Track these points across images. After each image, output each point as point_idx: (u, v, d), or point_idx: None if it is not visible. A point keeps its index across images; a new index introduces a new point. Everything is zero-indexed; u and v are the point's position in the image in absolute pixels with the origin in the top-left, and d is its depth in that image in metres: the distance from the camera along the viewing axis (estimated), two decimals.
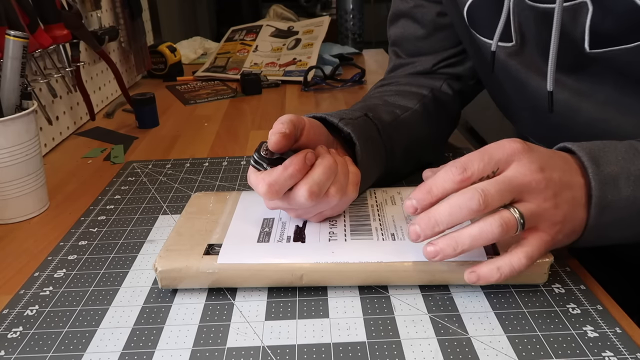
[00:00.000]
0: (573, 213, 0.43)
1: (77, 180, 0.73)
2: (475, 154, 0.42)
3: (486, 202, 0.39)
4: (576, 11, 0.50)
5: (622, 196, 0.43)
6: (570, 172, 0.43)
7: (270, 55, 1.34)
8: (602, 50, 0.50)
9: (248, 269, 0.45)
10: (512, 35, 0.58)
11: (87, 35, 0.91)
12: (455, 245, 0.40)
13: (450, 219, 0.40)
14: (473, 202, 0.39)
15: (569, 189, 0.42)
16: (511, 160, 0.41)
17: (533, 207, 0.41)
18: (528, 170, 0.41)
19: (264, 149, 0.47)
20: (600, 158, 0.43)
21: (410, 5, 0.71)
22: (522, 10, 0.55)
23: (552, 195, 0.41)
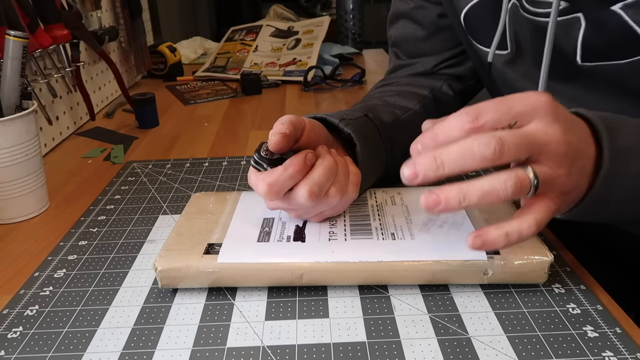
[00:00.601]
0: (579, 183, 0.40)
1: (77, 180, 0.73)
2: (493, 102, 0.37)
3: (501, 152, 0.34)
4: (569, 26, 0.50)
5: (630, 172, 0.40)
6: (585, 140, 0.40)
7: (270, 55, 1.34)
8: (594, 64, 0.51)
9: (248, 269, 0.45)
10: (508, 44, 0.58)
11: (87, 35, 0.91)
12: (462, 197, 0.35)
13: (459, 163, 0.35)
14: (488, 149, 0.34)
15: (581, 158, 0.39)
16: (534, 115, 0.37)
17: (549, 171, 0.37)
18: (551, 129, 0.36)
19: (264, 150, 0.47)
20: (615, 129, 0.40)
21: (411, 6, 0.71)
22: (517, 20, 0.55)
23: (568, 162, 0.38)
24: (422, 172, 0.36)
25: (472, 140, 0.35)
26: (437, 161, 0.35)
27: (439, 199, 0.36)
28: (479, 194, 0.35)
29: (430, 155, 0.36)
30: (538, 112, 0.37)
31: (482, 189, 0.35)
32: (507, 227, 0.37)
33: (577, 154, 0.39)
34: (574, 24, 0.50)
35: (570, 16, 0.50)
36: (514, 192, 0.36)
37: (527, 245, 0.45)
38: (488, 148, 0.34)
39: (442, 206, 0.36)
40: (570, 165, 0.38)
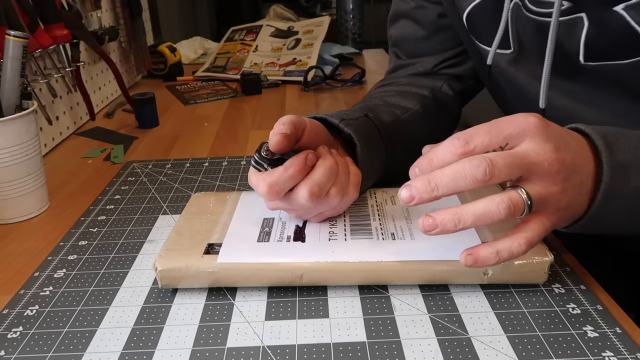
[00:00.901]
0: (577, 199, 0.40)
1: (77, 180, 0.73)
2: (483, 127, 0.39)
3: (492, 173, 0.36)
4: (572, 25, 0.50)
5: (630, 186, 0.41)
6: (582, 155, 0.40)
7: (270, 55, 1.34)
8: (597, 63, 0.51)
9: (248, 268, 0.45)
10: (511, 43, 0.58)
11: (87, 35, 0.91)
12: (457, 220, 0.37)
13: (452, 184, 0.37)
14: (479, 171, 0.36)
15: (578, 174, 0.40)
16: (524, 136, 0.38)
17: (541, 190, 0.38)
18: (542, 149, 0.38)
19: (265, 150, 0.47)
20: (614, 144, 0.41)
21: (411, 5, 0.71)
22: (520, 19, 0.55)
23: (562, 180, 0.39)
24: (417, 194, 0.38)
25: (464, 163, 0.37)
26: (431, 184, 0.37)
27: (435, 222, 0.38)
28: (473, 217, 0.37)
29: (425, 178, 0.37)
30: (527, 133, 0.38)
31: (476, 212, 0.37)
32: (498, 245, 0.39)
33: (573, 170, 0.39)
34: (576, 24, 0.50)
35: (572, 16, 0.50)
36: (508, 215, 0.37)
37: None
38: (479, 170, 0.36)
39: (438, 229, 0.38)
40: (565, 182, 0.39)
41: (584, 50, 0.51)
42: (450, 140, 0.39)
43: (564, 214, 0.41)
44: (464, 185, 0.37)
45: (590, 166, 0.41)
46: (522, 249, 0.39)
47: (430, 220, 0.38)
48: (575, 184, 0.40)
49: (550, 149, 0.38)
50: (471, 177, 0.36)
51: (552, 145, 0.38)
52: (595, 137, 0.41)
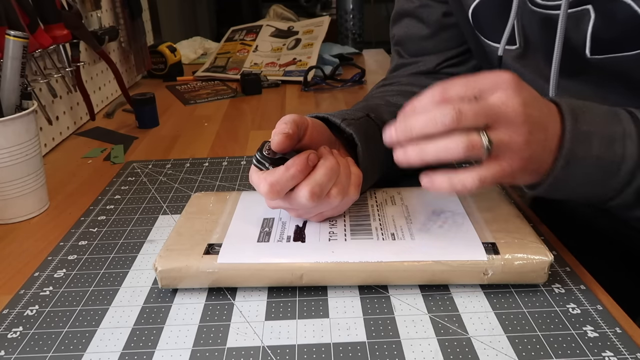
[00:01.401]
0: (541, 155, 0.43)
1: (77, 180, 0.73)
2: (461, 78, 0.42)
3: (459, 119, 0.39)
4: (578, 18, 0.50)
5: (592, 154, 0.44)
6: (550, 116, 0.43)
7: (270, 55, 1.34)
8: (604, 56, 0.51)
9: (248, 269, 0.45)
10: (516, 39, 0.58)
11: (87, 35, 0.91)
12: (420, 152, 0.41)
13: (424, 128, 0.41)
14: (446, 118, 0.40)
15: (543, 131, 0.42)
16: (497, 88, 0.41)
17: (504, 137, 0.41)
18: (510, 101, 0.41)
19: (267, 149, 0.47)
20: (579, 115, 0.44)
21: (416, 4, 0.71)
22: (526, 14, 0.55)
23: (526, 132, 0.41)
24: (395, 133, 0.42)
25: (435, 111, 0.40)
26: (407, 125, 0.42)
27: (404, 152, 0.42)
28: (434, 151, 0.41)
29: (404, 122, 0.42)
30: (500, 86, 0.41)
31: (437, 147, 0.41)
32: (454, 177, 0.42)
33: (538, 127, 0.42)
34: (583, 16, 0.50)
35: (579, 8, 0.50)
36: (466, 152, 0.40)
37: (527, 246, 0.45)
38: (447, 117, 0.40)
39: (403, 157, 0.42)
40: (528, 135, 0.41)
41: (591, 43, 0.51)
42: (432, 89, 0.42)
43: (525, 165, 0.42)
44: (434, 129, 0.40)
45: (556, 129, 0.43)
46: (475, 184, 0.41)
47: (401, 152, 0.42)
48: (539, 140, 0.42)
49: (518, 102, 0.41)
50: (440, 123, 0.40)
51: (520, 99, 0.41)
52: (563, 106, 0.44)
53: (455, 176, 0.42)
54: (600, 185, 0.45)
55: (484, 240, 0.46)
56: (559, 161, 0.43)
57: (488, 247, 0.45)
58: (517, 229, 0.48)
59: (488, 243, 0.46)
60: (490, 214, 0.51)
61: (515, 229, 0.48)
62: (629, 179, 0.45)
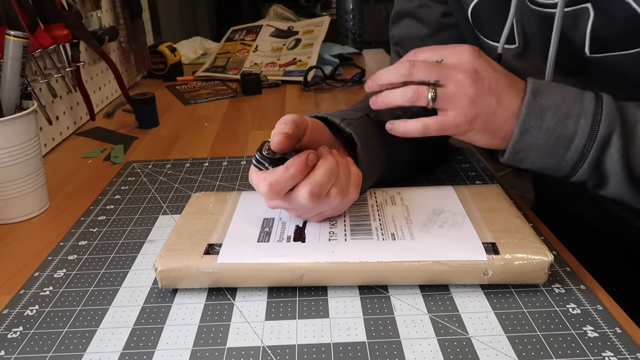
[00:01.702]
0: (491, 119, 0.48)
1: (77, 180, 0.73)
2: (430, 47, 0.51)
3: (411, 72, 0.48)
4: (577, 16, 0.50)
5: (543, 125, 0.48)
6: (507, 89, 0.48)
7: (270, 55, 1.34)
8: (602, 55, 0.51)
9: (248, 269, 0.45)
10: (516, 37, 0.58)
11: (87, 35, 0.91)
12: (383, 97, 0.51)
13: (385, 76, 0.50)
14: (402, 69, 0.49)
15: (494, 98, 0.48)
16: (457, 55, 0.49)
17: (449, 92, 0.48)
18: (462, 67, 0.48)
19: (266, 149, 0.47)
20: (542, 91, 0.48)
21: (415, 4, 0.71)
22: (525, 13, 0.55)
23: (472, 93, 0.47)
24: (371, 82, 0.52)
25: (397, 64, 0.50)
26: (377, 76, 0.51)
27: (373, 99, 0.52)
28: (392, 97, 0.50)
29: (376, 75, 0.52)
30: (460, 53, 0.49)
31: (395, 93, 0.50)
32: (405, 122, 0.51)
33: (488, 92, 0.48)
34: (582, 14, 0.50)
35: (578, 6, 0.50)
36: (411, 98, 0.49)
37: (527, 246, 0.45)
38: (402, 68, 0.49)
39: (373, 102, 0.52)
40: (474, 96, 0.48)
41: (590, 42, 0.51)
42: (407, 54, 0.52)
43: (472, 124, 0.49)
44: (392, 78, 0.50)
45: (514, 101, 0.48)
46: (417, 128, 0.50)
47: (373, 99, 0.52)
48: (488, 105, 0.48)
49: (469, 68, 0.48)
50: (396, 72, 0.50)
51: (472, 67, 0.48)
52: (528, 84, 0.49)
53: (406, 122, 0.51)
54: (554, 158, 0.49)
55: (484, 240, 0.46)
56: (515, 130, 0.48)
57: (488, 247, 0.45)
58: (517, 229, 0.48)
59: (488, 243, 0.46)
60: (490, 214, 0.51)
61: (515, 229, 0.48)
62: (580, 155, 0.48)
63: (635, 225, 0.62)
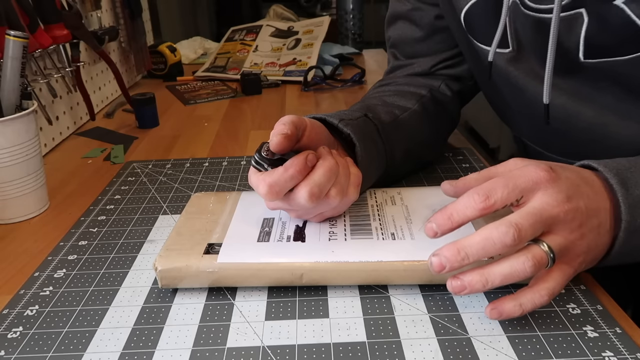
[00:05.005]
0: (597, 241, 0.42)
1: (77, 180, 0.73)
2: (499, 181, 0.40)
3: (520, 237, 0.38)
4: (571, 22, 0.50)
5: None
6: (596, 197, 0.42)
7: (270, 55, 1.34)
8: (597, 60, 0.51)
9: (248, 268, 0.45)
10: (509, 42, 0.58)
11: (87, 35, 0.91)
12: (485, 282, 0.39)
13: (482, 252, 0.39)
14: (508, 237, 0.38)
15: (594, 217, 0.41)
16: (537, 189, 0.40)
17: (561, 240, 0.40)
18: (555, 200, 0.39)
19: (265, 150, 0.47)
20: (628, 180, 0.42)
21: (408, 7, 0.71)
22: (518, 17, 0.55)
23: (578, 226, 0.40)
24: (448, 264, 0.39)
25: (491, 231, 0.38)
26: (461, 254, 0.39)
27: (463, 284, 0.40)
28: (500, 277, 0.39)
29: (454, 248, 0.39)
30: (540, 185, 0.40)
31: (503, 273, 0.39)
32: (521, 298, 0.40)
33: (588, 215, 0.41)
34: (576, 19, 0.50)
35: (572, 12, 0.50)
36: (533, 271, 0.39)
37: None
38: (507, 236, 0.38)
39: (467, 290, 0.40)
40: (581, 228, 0.40)
41: (584, 47, 0.51)
42: (469, 195, 0.40)
43: (585, 257, 0.42)
44: (494, 251, 0.38)
45: (606, 205, 0.42)
46: (545, 300, 0.40)
47: (459, 282, 0.40)
48: (592, 227, 0.41)
49: (562, 199, 0.40)
50: (500, 243, 0.38)
51: (564, 195, 0.40)
52: (609, 176, 0.42)
53: (522, 298, 0.40)
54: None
55: None
56: (619, 236, 0.42)
57: None
58: None
59: None
60: None
61: None
62: None
63: None
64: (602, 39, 0.49)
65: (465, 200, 0.40)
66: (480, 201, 0.40)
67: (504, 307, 0.40)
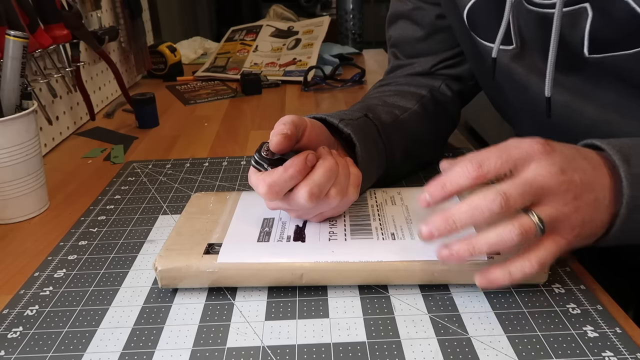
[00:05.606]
0: (594, 215, 0.41)
1: (77, 180, 0.73)
2: (493, 151, 0.40)
3: (507, 205, 0.38)
4: (575, 16, 0.50)
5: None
6: (594, 172, 0.41)
7: (270, 55, 1.34)
8: (602, 55, 0.50)
9: (248, 268, 0.45)
10: (512, 38, 0.58)
11: (87, 35, 0.91)
12: (472, 250, 0.39)
13: (470, 220, 0.39)
14: (495, 205, 0.38)
15: (590, 191, 0.41)
16: (530, 160, 0.40)
17: (552, 211, 0.39)
18: (548, 172, 0.39)
19: (265, 150, 0.47)
20: (631, 156, 0.41)
21: (409, 7, 0.71)
22: (521, 13, 0.55)
23: (572, 199, 0.40)
24: (437, 232, 0.40)
25: (479, 199, 0.39)
26: (449, 221, 0.39)
27: (451, 252, 0.40)
28: (487, 245, 0.39)
29: (443, 216, 0.40)
30: (534, 157, 0.40)
31: (489, 241, 0.39)
32: (510, 266, 0.40)
33: (583, 188, 0.40)
34: (580, 14, 0.50)
35: (577, 6, 0.50)
36: (520, 240, 0.38)
37: None
38: (494, 204, 0.38)
39: (454, 257, 0.40)
40: (575, 201, 0.40)
41: (589, 42, 0.50)
42: (463, 164, 0.40)
43: (580, 231, 0.41)
44: (483, 219, 0.39)
45: (605, 181, 0.41)
46: (535, 268, 0.40)
47: (447, 251, 0.41)
48: (588, 202, 0.41)
49: (555, 170, 0.39)
50: (488, 210, 0.38)
51: (557, 167, 0.40)
52: (611, 152, 0.42)
53: (512, 266, 0.40)
54: None
55: None
56: (621, 212, 0.41)
57: None
58: None
59: None
60: None
61: None
62: None
63: None
64: (606, 33, 0.49)
65: (458, 169, 0.40)
66: (474, 170, 0.40)
67: (492, 275, 0.40)
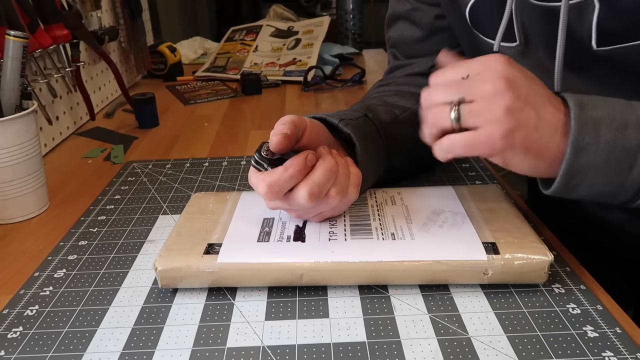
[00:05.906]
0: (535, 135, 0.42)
1: (77, 180, 0.73)
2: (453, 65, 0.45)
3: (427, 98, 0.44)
4: (582, 9, 0.49)
5: (600, 140, 0.42)
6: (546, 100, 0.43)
7: (270, 55, 1.34)
8: (610, 47, 0.50)
9: (248, 268, 0.45)
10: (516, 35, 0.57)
11: (87, 35, 0.91)
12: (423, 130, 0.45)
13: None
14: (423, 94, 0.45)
15: (533, 109, 0.42)
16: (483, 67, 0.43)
17: (478, 106, 0.42)
18: (491, 76, 0.42)
19: (265, 150, 0.47)
20: (587, 104, 0.43)
21: (408, 7, 0.71)
22: (525, 9, 0.55)
23: (504, 103, 0.41)
24: None
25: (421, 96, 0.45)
26: None
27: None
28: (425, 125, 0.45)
29: None
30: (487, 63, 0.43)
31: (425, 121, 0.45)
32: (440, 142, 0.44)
33: (525, 102, 0.42)
34: (587, 6, 0.49)
35: None
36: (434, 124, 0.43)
37: (527, 245, 0.45)
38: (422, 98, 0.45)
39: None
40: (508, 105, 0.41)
41: (597, 34, 0.50)
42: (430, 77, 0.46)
43: (512, 140, 0.42)
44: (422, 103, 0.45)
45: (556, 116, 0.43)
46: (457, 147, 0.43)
47: None
48: (528, 117, 0.42)
49: (500, 76, 0.42)
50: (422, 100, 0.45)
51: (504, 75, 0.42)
52: (567, 97, 0.44)
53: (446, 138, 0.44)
54: (617, 179, 0.43)
55: (484, 240, 0.46)
56: (568, 150, 0.42)
57: (488, 246, 0.45)
58: (517, 228, 0.48)
59: (488, 243, 0.46)
60: (490, 214, 0.51)
61: (515, 229, 0.48)
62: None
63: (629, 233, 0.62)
64: (614, 24, 0.48)
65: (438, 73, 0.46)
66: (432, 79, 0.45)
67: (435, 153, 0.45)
